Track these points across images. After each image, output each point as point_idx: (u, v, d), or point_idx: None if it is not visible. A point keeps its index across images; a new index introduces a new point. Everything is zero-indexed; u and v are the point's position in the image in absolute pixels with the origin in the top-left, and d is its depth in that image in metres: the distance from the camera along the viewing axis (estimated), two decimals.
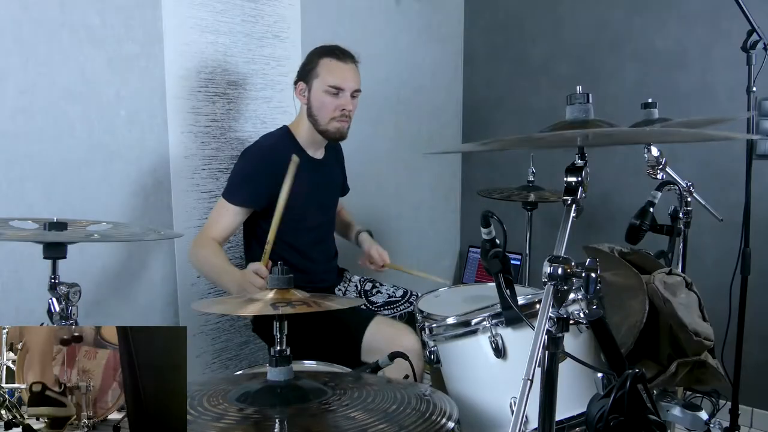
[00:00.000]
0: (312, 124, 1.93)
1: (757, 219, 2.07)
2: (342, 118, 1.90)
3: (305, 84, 1.91)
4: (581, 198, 1.02)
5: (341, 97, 1.88)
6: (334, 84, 1.87)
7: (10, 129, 1.62)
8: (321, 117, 1.90)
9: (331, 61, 1.88)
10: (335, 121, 1.90)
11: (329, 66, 1.88)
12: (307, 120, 1.94)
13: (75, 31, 1.72)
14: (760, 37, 1.84)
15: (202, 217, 2.09)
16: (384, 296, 2.10)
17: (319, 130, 1.92)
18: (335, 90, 1.87)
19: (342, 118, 1.90)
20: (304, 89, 1.92)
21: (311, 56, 1.93)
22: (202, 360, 2.15)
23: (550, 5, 2.98)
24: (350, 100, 1.90)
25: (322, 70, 1.88)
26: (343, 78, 1.88)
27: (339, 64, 1.88)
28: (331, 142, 2.00)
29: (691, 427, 1.54)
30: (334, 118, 1.89)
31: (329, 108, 1.88)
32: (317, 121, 1.91)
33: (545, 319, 0.93)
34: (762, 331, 2.45)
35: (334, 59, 1.88)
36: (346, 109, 1.89)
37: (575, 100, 1.13)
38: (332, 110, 1.88)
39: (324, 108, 1.89)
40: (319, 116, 1.90)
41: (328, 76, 1.87)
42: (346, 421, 0.95)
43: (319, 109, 1.90)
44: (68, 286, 1.15)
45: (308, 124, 1.94)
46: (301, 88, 1.92)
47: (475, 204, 3.18)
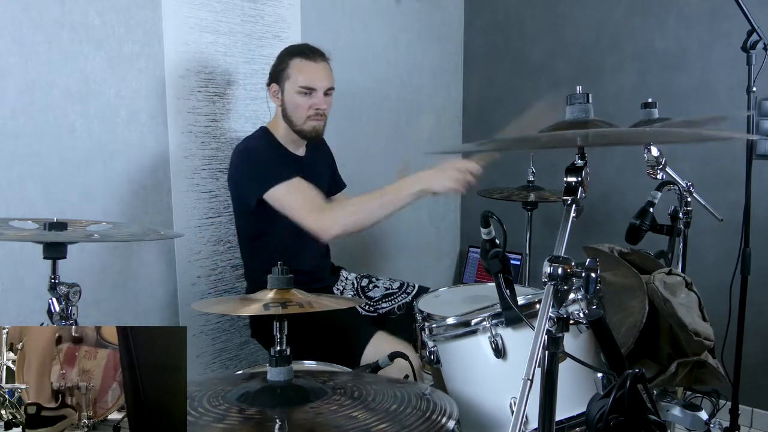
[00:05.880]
0: (288, 124, 1.93)
1: (757, 219, 2.07)
2: (317, 117, 1.90)
3: (278, 86, 1.92)
4: (581, 198, 1.02)
5: (314, 97, 1.88)
6: (306, 84, 1.87)
7: (10, 129, 1.62)
8: (296, 117, 1.91)
9: (302, 61, 1.88)
10: (310, 120, 1.90)
11: (300, 66, 1.88)
12: (283, 121, 1.94)
13: (75, 31, 1.73)
14: (760, 37, 1.84)
15: (202, 217, 2.09)
16: (381, 290, 2.10)
17: (296, 130, 1.93)
18: (307, 90, 1.87)
19: (317, 117, 1.91)
20: (278, 91, 1.92)
21: (281, 57, 1.92)
22: (202, 360, 2.15)
23: (550, 5, 2.98)
24: (323, 99, 1.90)
25: (293, 70, 1.88)
26: (314, 77, 1.87)
27: (309, 64, 1.88)
28: (309, 141, 2.01)
29: (691, 427, 1.54)
30: (309, 117, 1.90)
31: (303, 108, 1.89)
32: (293, 122, 1.92)
33: (545, 319, 0.93)
34: (762, 331, 2.45)
35: (304, 59, 1.88)
36: (320, 108, 1.89)
37: (575, 100, 1.13)
38: (306, 110, 1.89)
39: (298, 109, 1.89)
40: (294, 117, 1.91)
41: (299, 76, 1.87)
42: (348, 420, 0.95)
43: (293, 110, 1.90)
44: (68, 286, 1.15)
45: (285, 124, 1.94)
46: (275, 90, 1.93)
47: (475, 204, 3.18)
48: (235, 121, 2.18)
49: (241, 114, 2.20)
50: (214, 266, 2.16)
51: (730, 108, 2.46)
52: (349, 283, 2.16)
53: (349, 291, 2.14)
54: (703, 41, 2.57)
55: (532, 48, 3.06)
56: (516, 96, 3.12)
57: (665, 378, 1.52)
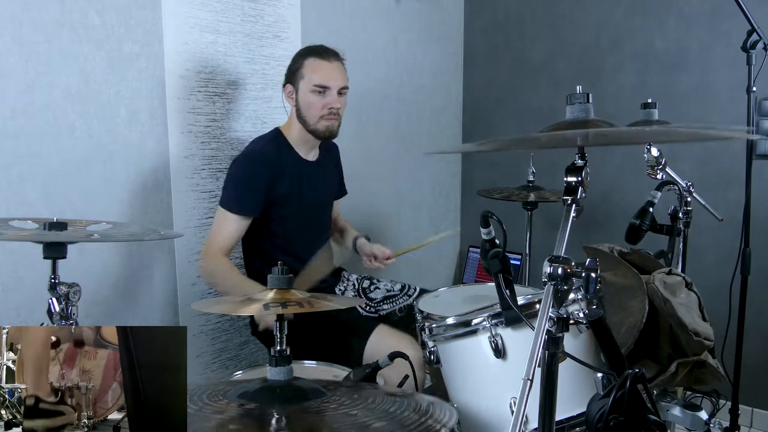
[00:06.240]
0: (302, 125, 1.94)
1: (757, 219, 2.07)
2: (330, 116, 1.91)
3: (293, 86, 1.92)
4: (581, 198, 1.02)
5: (328, 96, 1.89)
6: (320, 83, 1.88)
7: (10, 129, 1.62)
8: (310, 117, 1.91)
9: (316, 61, 1.89)
10: (324, 120, 1.91)
11: (314, 65, 1.89)
12: (297, 121, 1.95)
13: (75, 31, 1.73)
14: (760, 37, 1.84)
15: (202, 217, 2.09)
16: (382, 292, 2.10)
17: (309, 130, 1.93)
18: (321, 89, 1.88)
19: (330, 116, 1.91)
20: (292, 91, 1.93)
21: (296, 58, 1.94)
22: (202, 360, 2.15)
23: (550, 5, 2.98)
24: (337, 98, 1.90)
25: (307, 70, 1.89)
26: (328, 76, 1.88)
27: (323, 63, 1.89)
28: (323, 141, 2.01)
29: (691, 427, 1.54)
30: (322, 116, 1.90)
31: (317, 107, 1.89)
32: (306, 122, 1.92)
33: (545, 319, 0.93)
34: (762, 331, 2.45)
35: (318, 59, 1.89)
36: (333, 107, 1.90)
37: (575, 100, 1.13)
38: (320, 109, 1.89)
39: (312, 107, 1.90)
40: (308, 116, 1.91)
41: (313, 75, 1.88)
42: (347, 418, 0.95)
43: (307, 110, 1.91)
44: (68, 286, 1.15)
45: (299, 125, 1.95)
46: (289, 91, 1.94)
47: (475, 204, 3.19)
48: (235, 120, 2.18)
49: (241, 114, 2.20)
50: None
51: (730, 108, 2.46)
52: (351, 284, 2.16)
53: (350, 292, 2.14)
54: (703, 41, 2.57)
55: (532, 48, 3.06)
56: (516, 96, 3.12)
57: (665, 378, 1.52)
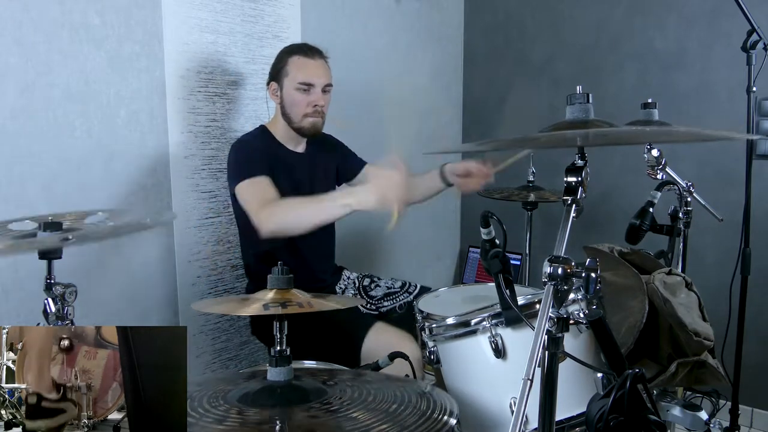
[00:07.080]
0: (287, 122, 1.95)
1: (757, 219, 2.07)
2: (315, 113, 1.92)
3: (277, 84, 1.94)
4: (581, 198, 1.02)
5: (312, 93, 1.90)
6: (304, 80, 1.89)
7: (10, 129, 1.62)
8: (294, 114, 1.92)
9: (300, 59, 1.91)
10: (309, 117, 1.92)
11: (298, 63, 1.90)
12: (282, 119, 1.96)
13: (75, 31, 1.72)
14: (760, 37, 1.84)
15: (202, 217, 2.09)
16: (383, 289, 2.11)
17: (294, 127, 1.94)
18: (305, 86, 1.89)
19: (315, 114, 1.92)
20: (277, 89, 1.94)
21: (280, 56, 1.95)
22: (202, 360, 2.15)
23: (550, 5, 2.98)
24: (321, 96, 1.92)
25: (292, 68, 1.90)
26: (312, 74, 1.90)
27: (307, 61, 1.91)
28: (308, 138, 2.01)
29: (691, 427, 1.54)
30: (306, 114, 1.92)
31: (301, 105, 1.90)
32: (291, 119, 1.93)
33: (545, 319, 0.93)
34: (762, 331, 2.45)
35: (303, 56, 1.91)
36: (318, 104, 1.91)
37: (575, 100, 1.13)
38: (304, 107, 1.91)
39: (296, 105, 1.91)
40: (293, 114, 1.92)
41: (297, 73, 1.89)
42: (348, 421, 0.95)
43: (291, 107, 1.92)
44: (64, 287, 1.14)
45: (284, 122, 1.96)
46: (274, 88, 1.95)
47: (475, 204, 3.18)
48: (235, 121, 2.18)
49: (241, 114, 2.20)
50: (213, 266, 2.16)
51: (730, 108, 2.46)
52: (351, 283, 2.16)
53: (351, 290, 2.14)
54: (703, 41, 2.57)
55: (532, 48, 3.06)
56: (516, 96, 3.12)
57: (665, 378, 1.52)
